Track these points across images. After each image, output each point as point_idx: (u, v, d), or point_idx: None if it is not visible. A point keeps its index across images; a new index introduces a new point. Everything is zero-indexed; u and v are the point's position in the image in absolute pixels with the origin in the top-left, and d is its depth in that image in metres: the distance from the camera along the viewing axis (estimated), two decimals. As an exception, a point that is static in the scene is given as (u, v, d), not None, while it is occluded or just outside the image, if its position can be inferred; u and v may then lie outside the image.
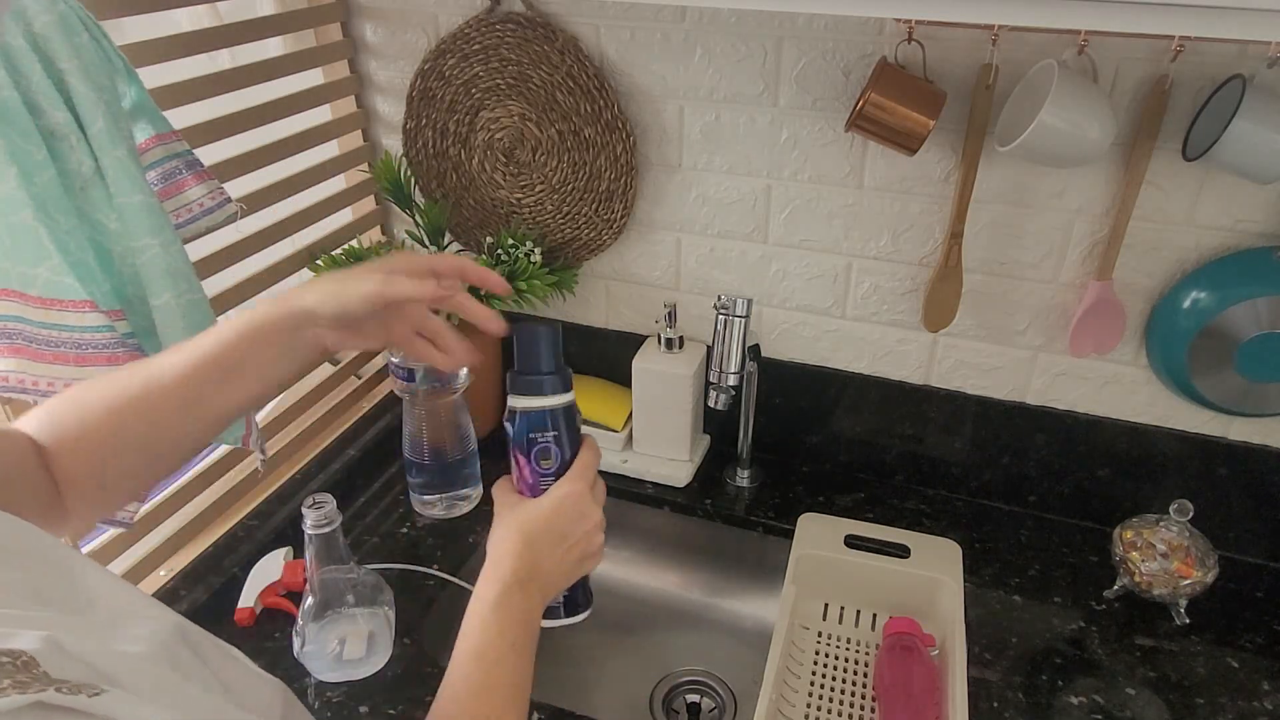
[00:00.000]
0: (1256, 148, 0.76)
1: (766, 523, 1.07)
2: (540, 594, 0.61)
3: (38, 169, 0.68)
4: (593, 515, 0.64)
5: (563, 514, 0.63)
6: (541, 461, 0.64)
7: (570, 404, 0.66)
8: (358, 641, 0.84)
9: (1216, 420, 0.97)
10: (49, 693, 0.32)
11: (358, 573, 0.84)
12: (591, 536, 0.64)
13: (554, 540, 0.62)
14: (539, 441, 0.64)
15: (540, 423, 0.64)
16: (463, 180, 1.14)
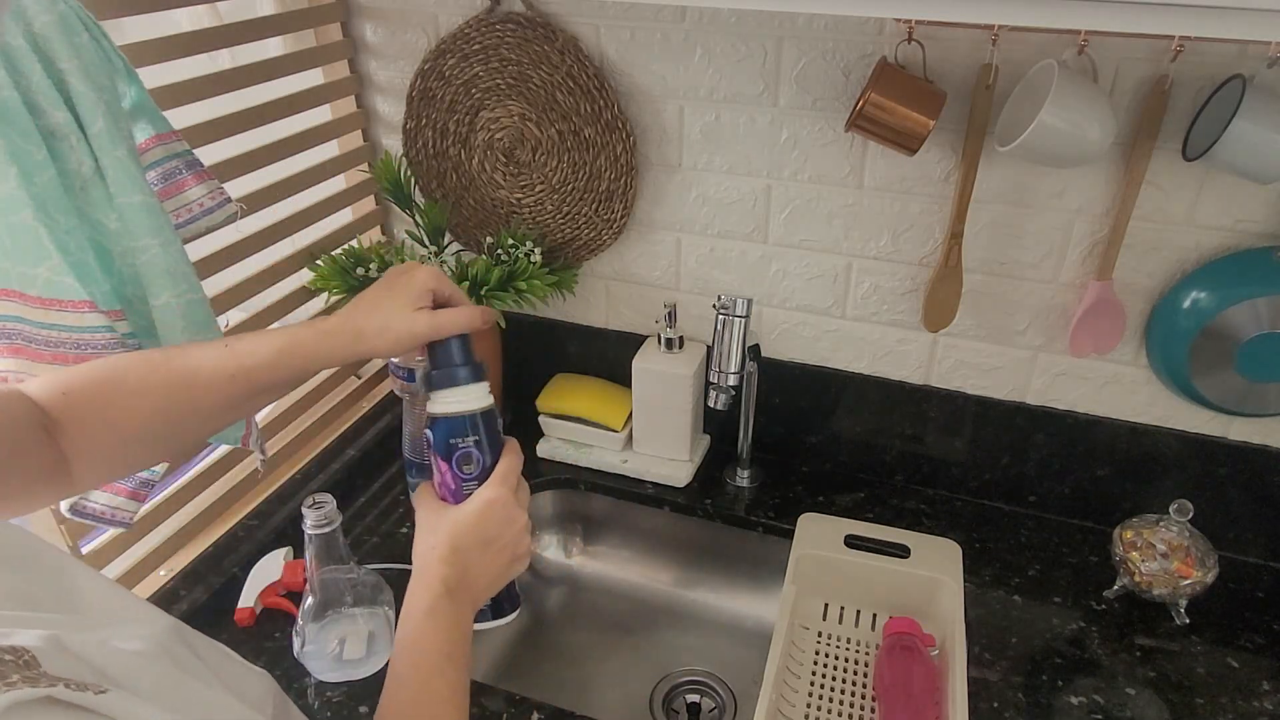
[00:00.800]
0: (1256, 148, 0.76)
1: (766, 523, 1.07)
2: (470, 601, 0.62)
3: (38, 169, 0.68)
4: (518, 519, 0.64)
5: (488, 519, 0.63)
6: (463, 467, 0.64)
7: (490, 408, 0.65)
8: (358, 641, 0.84)
9: (1216, 420, 0.97)
10: (59, 688, 0.32)
11: (358, 573, 0.84)
12: (518, 540, 0.64)
13: (481, 546, 0.62)
14: (460, 447, 0.64)
15: (460, 428, 0.64)
16: (463, 180, 1.14)
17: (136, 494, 0.82)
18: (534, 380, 1.20)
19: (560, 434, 1.17)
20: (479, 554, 0.62)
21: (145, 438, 0.61)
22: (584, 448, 1.16)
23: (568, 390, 1.18)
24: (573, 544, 1.19)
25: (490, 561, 0.63)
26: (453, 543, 0.61)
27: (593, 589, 1.15)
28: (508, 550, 0.64)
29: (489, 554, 0.63)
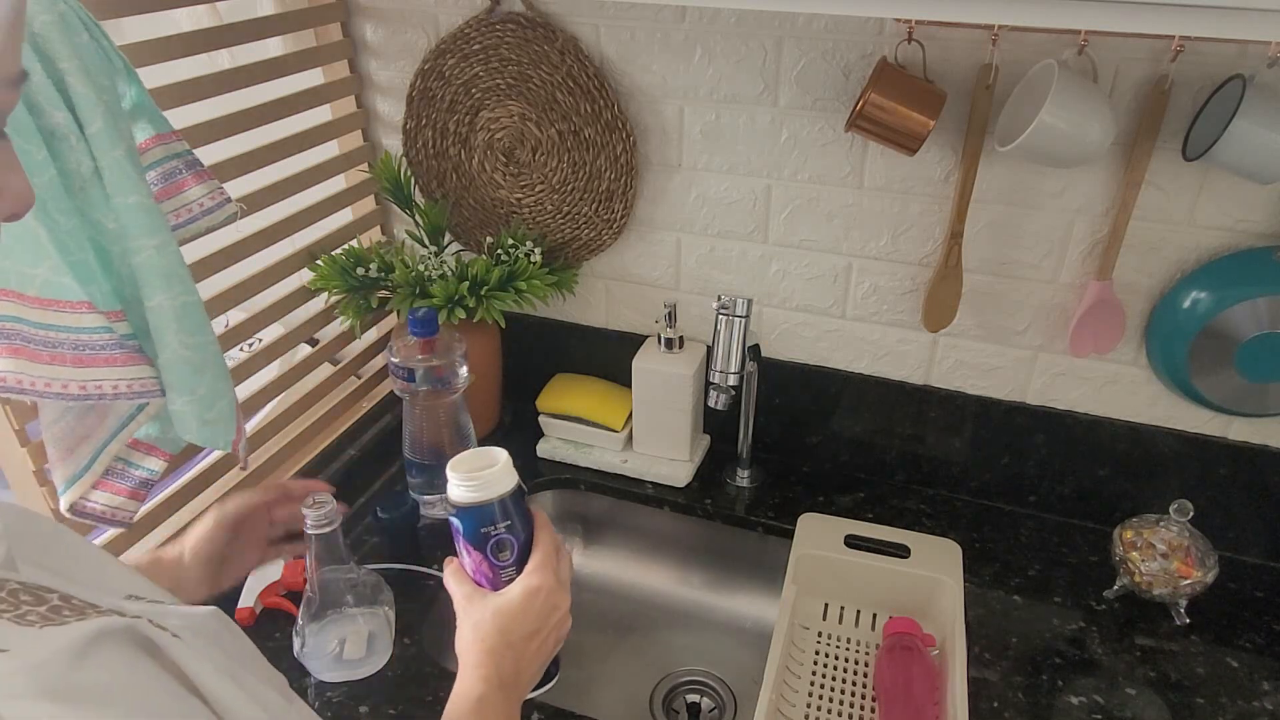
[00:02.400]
0: (1256, 148, 0.76)
1: (766, 523, 1.07)
2: (519, 696, 0.62)
3: (37, 169, 0.68)
4: (563, 604, 0.65)
5: (534, 611, 0.63)
6: (499, 555, 0.63)
7: (517, 487, 0.64)
8: (358, 641, 0.84)
9: (1216, 420, 0.97)
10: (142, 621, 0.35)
11: (358, 573, 0.84)
12: (561, 625, 0.65)
13: (528, 638, 0.62)
14: (493, 535, 0.62)
15: (490, 516, 0.62)
16: (463, 180, 1.14)
17: (136, 494, 0.83)
18: (534, 380, 1.20)
19: (560, 434, 1.17)
20: (525, 645, 0.62)
21: None
22: (584, 448, 1.16)
23: (568, 390, 1.18)
24: (573, 544, 1.19)
25: (537, 651, 0.63)
26: (502, 636, 0.61)
27: (592, 589, 1.15)
28: (552, 637, 0.64)
29: (535, 643, 0.63)
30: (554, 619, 0.64)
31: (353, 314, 1.12)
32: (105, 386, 0.75)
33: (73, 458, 0.80)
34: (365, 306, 1.11)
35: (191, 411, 0.80)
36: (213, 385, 0.81)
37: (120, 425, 0.81)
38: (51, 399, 0.74)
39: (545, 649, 0.64)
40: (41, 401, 0.78)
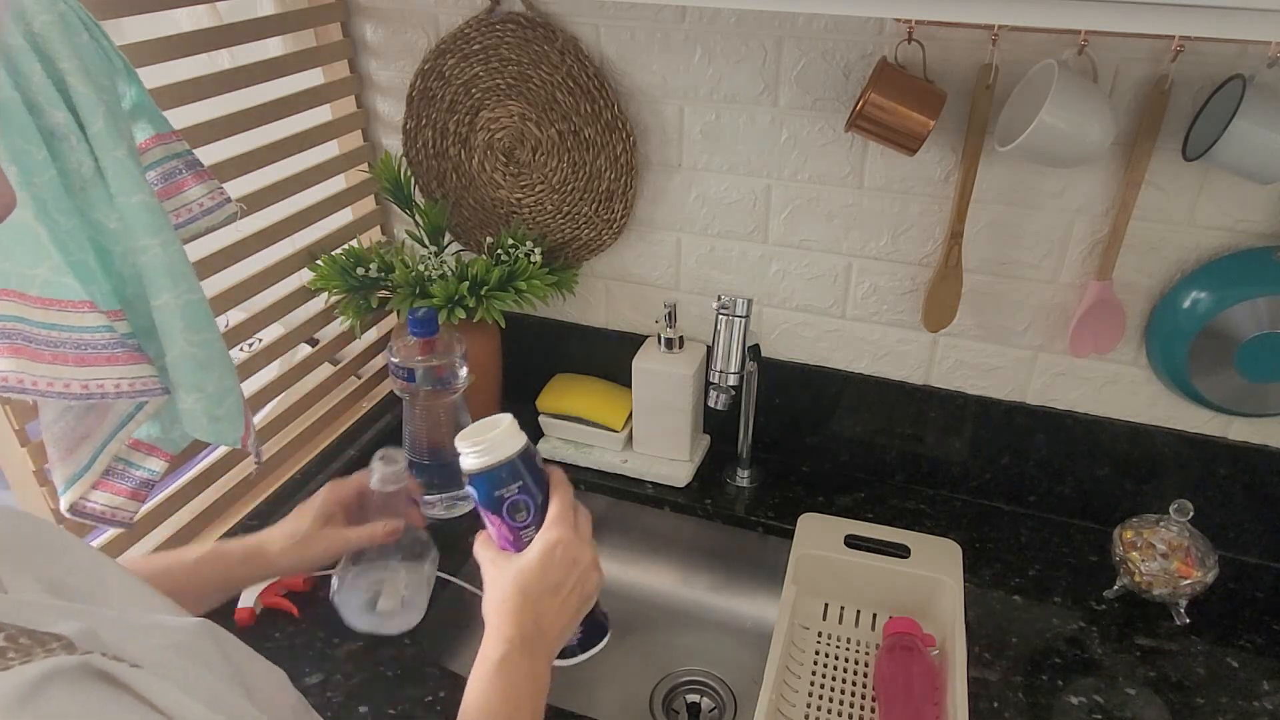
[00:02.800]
0: (1256, 148, 0.76)
1: (766, 523, 1.07)
2: (545, 653, 0.61)
3: (38, 169, 0.68)
4: (584, 557, 0.64)
5: (554, 565, 0.62)
6: (515, 515, 0.63)
7: (526, 447, 0.64)
8: (392, 595, 0.83)
9: (1216, 420, 0.97)
10: (95, 655, 0.33)
11: (411, 530, 0.84)
12: (586, 579, 0.64)
13: (550, 593, 0.62)
14: (507, 497, 0.63)
15: (501, 478, 0.63)
16: (463, 180, 1.14)
17: (137, 494, 0.83)
18: (534, 380, 1.20)
19: (560, 434, 1.17)
20: (549, 601, 0.62)
21: None
22: (584, 448, 1.16)
23: (568, 390, 1.18)
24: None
25: (561, 607, 0.62)
26: (523, 595, 0.61)
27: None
28: (576, 592, 0.63)
29: (558, 600, 0.62)
30: (575, 573, 0.63)
31: (353, 314, 1.12)
32: (107, 385, 0.75)
33: (73, 458, 0.80)
34: (365, 306, 1.11)
35: (201, 409, 0.81)
36: (220, 382, 0.82)
37: (119, 425, 0.81)
38: (54, 398, 0.74)
39: (571, 604, 0.63)
40: (42, 401, 0.78)
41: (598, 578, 0.65)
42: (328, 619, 0.92)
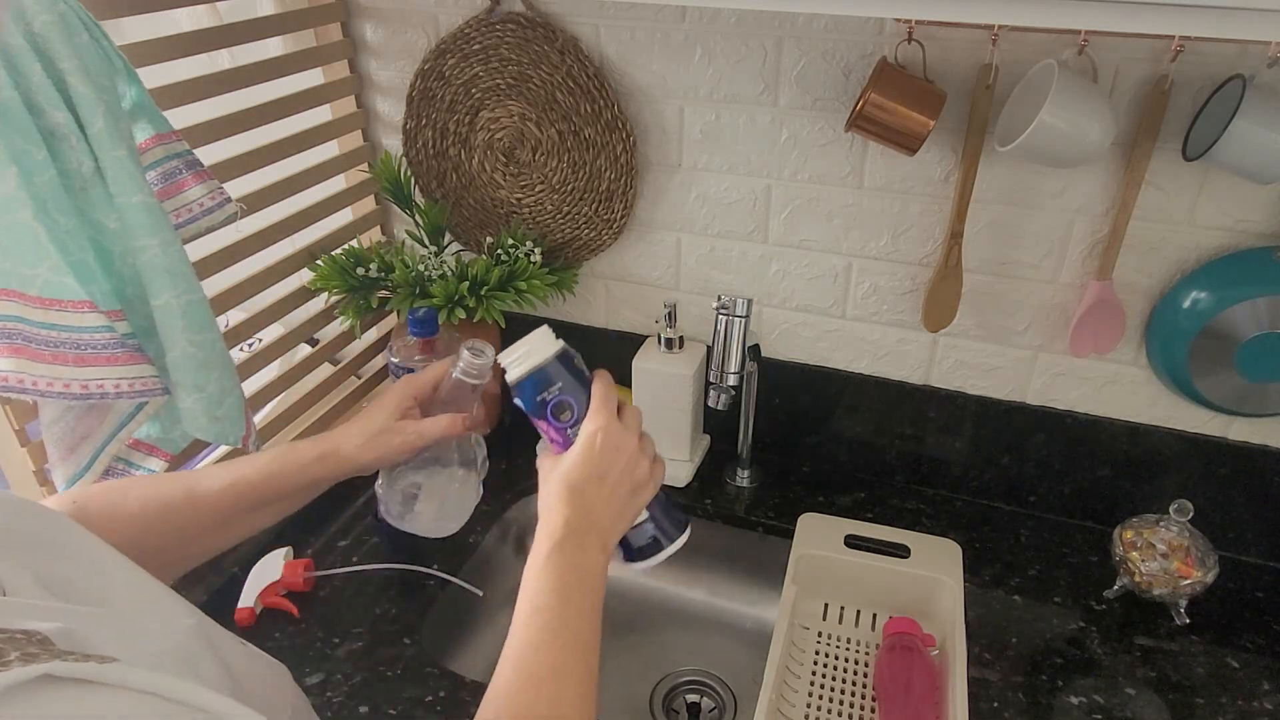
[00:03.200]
0: (1256, 148, 0.76)
1: (766, 523, 1.07)
2: (599, 541, 0.60)
3: (38, 169, 0.68)
4: (627, 445, 0.62)
5: (595, 453, 0.61)
6: (560, 416, 0.63)
7: (563, 350, 0.65)
8: (433, 498, 0.80)
9: (1216, 420, 0.97)
10: (54, 664, 0.32)
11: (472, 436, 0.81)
12: (634, 466, 0.62)
13: (596, 481, 0.61)
14: (550, 399, 0.63)
15: (542, 381, 0.63)
16: (463, 180, 1.14)
17: (136, 494, 0.82)
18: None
19: (560, 434, 1.17)
20: (596, 489, 0.60)
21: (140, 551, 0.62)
22: (584, 448, 1.16)
23: (568, 390, 1.18)
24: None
25: (610, 495, 0.61)
26: (568, 484, 0.60)
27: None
28: (625, 479, 0.62)
29: (606, 487, 0.61)
30: (621, 459, 0.62)
31: (353, 314, 1.12)
32: (107, 385, 0.75)
33: (73, 457, 0.81)
34: (365, 306, 1.11)
35: (201, 408, 0.81)
36: (221, 382, 0.82)
37: (119, 425, 0.81)
38: (53, 398, 0.74)
39: (620, 492, 0.61)
40: (42, 401, 0.78)
41: (647, 465, 0.64)
42: (328, 619, 0.92)
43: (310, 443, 0.72)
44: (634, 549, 0.67)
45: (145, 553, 0.62)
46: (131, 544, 0.61)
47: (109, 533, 0.60)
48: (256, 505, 0.68)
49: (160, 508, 0.63)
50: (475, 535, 1.04)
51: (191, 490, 0.65)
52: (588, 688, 0.54)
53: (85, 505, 0.61)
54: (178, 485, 0.66)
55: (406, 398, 0.74)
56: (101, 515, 0.61)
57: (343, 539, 1.03)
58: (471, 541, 1.04)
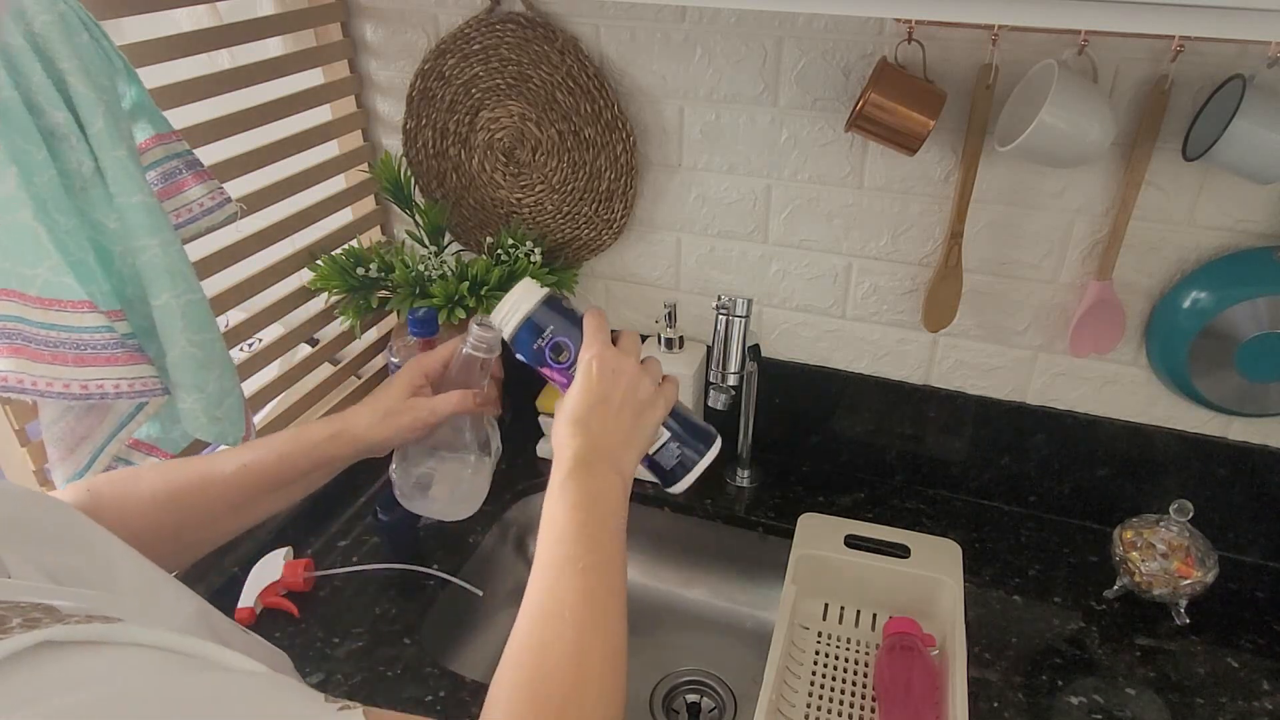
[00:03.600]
0: (1256, 148, 0.76)
1: (766, 523, 1.07)
2: (611, 466, 0.59)
3: (38, 169, 0.68)
4: (625, 366, 0.62)
5: (593, 380, 0.61)
6: (560, 358, 0.64)
7: (548, 295, 0.65)
8: (447, 481, 0.80)
9: (1216, 420, 0.97)
10: (55, 628, 0.32)
11: (484, 418, 0.80)
12: (635, 386, 0.62)
13: (598, 408, 0.60)
14: (545, 345, 0.64)
15: (535, 329, 0.64)
16: (463, 180, 1.14)
17: (136, 494, 0.83)
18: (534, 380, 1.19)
19: (560, 434, 1.17)
20: (600, 416, 0.60)
21: (156, 536, 0.63)
22: (584, 448, 1.16)
23: (568, 390, 1.18)
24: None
25: (615, 418, 0.61)
26: (571, 417, 0.60)
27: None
28: (629, 401, 0.61)
29: (610, 412, 0.61)
30: (621, 382, 0.61)
31: (353, 314, 1.12)
32: (106, 385, 0.75)
33: (73, 458, 0.81)
34: (365, 306, 1.11)
35: (201, 408, 0.81)
36: (220, 382, 0.82)
37: (119, 425, 0.81)
38: (53, 398, 0.74)
39: (625, 414, 0.61)
40: (42, 401, 0.78)
41: (650, 384, 0.63)
42: (328, 619, 0.92)
43: (322, 423, 0.71)
44: (665, 471, 0.67)
45: (161, 537, 0.63)
46: (147, 529, 0.61)
47: (123, 519, 0.60)
48: (270, 488, 0.68)
49: (173, 493, 0.64)
50: (475, 535, 1.04)
51: (204, 475, 0.65)
52: (610, 611, 0.52)
53: (99, 493, 0.61)
54: (191, 470, 0.66)
55: (418, 376, 0.74)
56: (115, 502, 0.61)
57: (343, 539, 1.03)
58: (471, 541, 1.04)
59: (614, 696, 0.49)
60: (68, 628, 0.33)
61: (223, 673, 0.36)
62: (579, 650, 0.48)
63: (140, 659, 0.34)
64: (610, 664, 0.49)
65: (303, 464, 0.69)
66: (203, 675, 0.36)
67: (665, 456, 0.66)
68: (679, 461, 0.66)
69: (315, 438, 0.70)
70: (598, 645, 0.49)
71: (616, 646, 0.51)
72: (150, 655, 0.34)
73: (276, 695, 0.37)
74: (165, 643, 0.35)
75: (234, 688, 0.36)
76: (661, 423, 0.64)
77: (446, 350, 0.76)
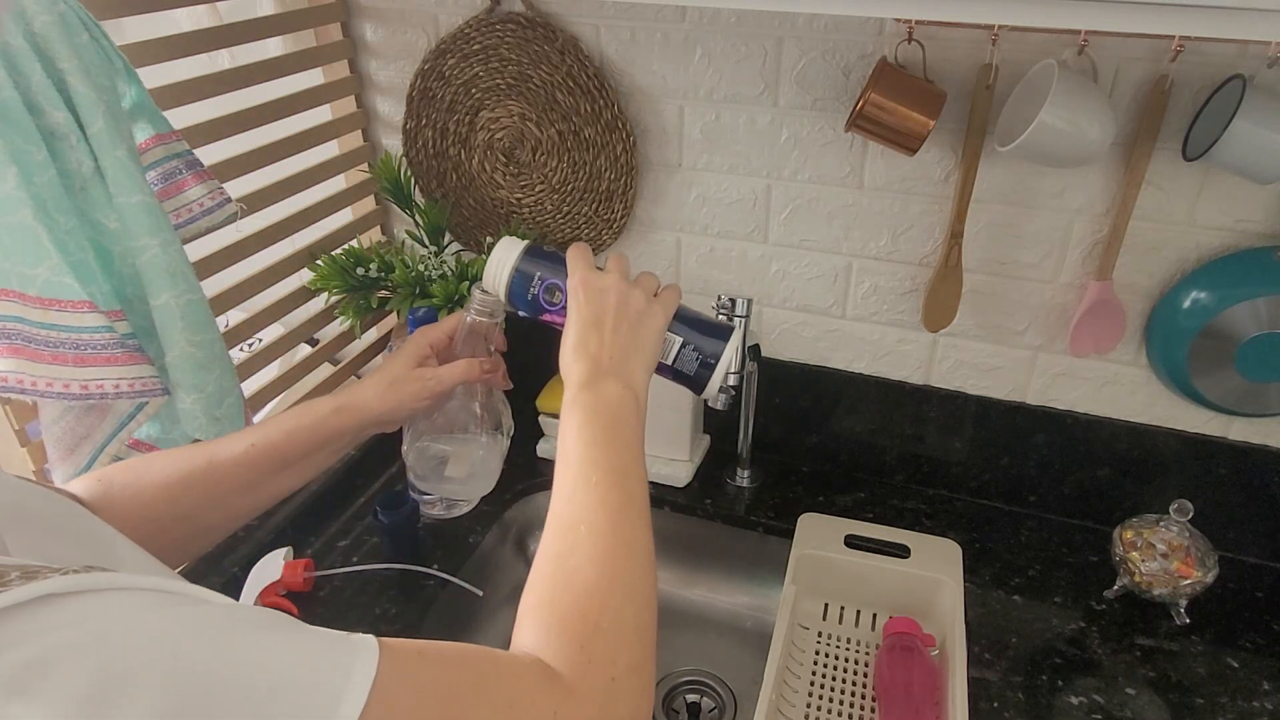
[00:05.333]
0: (1256, 148, 0.76)
1: (766, 523, 1.07)
2: (618, 381, 0.59)
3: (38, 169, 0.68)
4: (610, 285, 0.62)
5: (581, 304, 0.62)
6: (554, 300, 0.65)
7: (528, 246, 0.66)
8: (463, 461, 0.79)
9: (1216, 420, 0.97)
10: (54, 579, 0.33)
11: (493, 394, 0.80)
12: (625, 300, 0.62)
13: (593, 330, 0.61)
14: (538, 292, 0.65)
15: (524, 279, 0.65)
16: (463, 180, 1.14)
17: (136, 494, 0.82)
18: (534, 380, 1.19)
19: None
20: (596, 337, 0.60)
21: (170, 520, 0.63)
22: (584, 448, 1.16)
23: (568, 390, 1.18)
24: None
25: (612, 335, 0.61)
26: (569, 346, 0.61)
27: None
28: (622, 316, 0.61)
29: (606, 331, 0.61)
30: (610, 299, 0.62)
31: (353, 314, 1.12)
32: (106, 385, 0.75)
33: (73, 457, 0.81)
34: (365, 306, 1.11)
35: (201, 409, 0.81)
36: (220, 382, 0.82)
37: (119, 425, 0.81)
38: (53, 398, 0.74)
39: (622, 329, 0.61)
40: (42, 401, 0.78)
41: (641, 295, 0.63)
42: (327, 619, 0.92)
43: (328, 397, 0.71)
44: (691, 379, 0.66)
45: (176, 521, 0.63)
46: (162, 514, 0.62)
47: (137, 505, 0.61)
48: (279, 466, 0.68)
49: (183, 478, 0.64)
50: (475, 535, 1.04)
51: (212, 457, 0.65)
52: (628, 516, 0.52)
53: (111, 481, 0.61)
54: (199, 454, 0.65)
55: (423, 347, 0.74)
56: (126, 490, 0.61)
57: (343, 539, 1.03)
58: (471, 541, 1.04)
59: (641, 597, 0.49)
60: (66, 578, 0.33)
61: (227, 605, 0.38)
62: (597, 557, 0.49)
63: (130, 601, 0.35)
64: (632, 566, 0.50)
65: (310, 440, 0.69)
66: (204, 607, 0.37)
67: (685, 363, 0.66)
68: (700, 363, 0.66)
69: (321, 412, 0.69)
70: (618, 550, 0.50)
71: (637, 550, 0.51)
72: (140, 597, 0.35)
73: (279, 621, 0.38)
74: (159, 585, 0.36)
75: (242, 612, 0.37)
76: (664, 330, 0.64)
77: (451, 322, 0.75)
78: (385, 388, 0.71)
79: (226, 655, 0.35)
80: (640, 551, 0.51)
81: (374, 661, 0.37)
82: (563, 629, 0.46)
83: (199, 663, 0.34)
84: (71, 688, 0.31)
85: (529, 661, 0.44)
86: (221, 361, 0.82)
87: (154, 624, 0.34)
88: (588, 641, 0.46)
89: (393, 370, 0.72)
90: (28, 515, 0.44)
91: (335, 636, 0.38)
